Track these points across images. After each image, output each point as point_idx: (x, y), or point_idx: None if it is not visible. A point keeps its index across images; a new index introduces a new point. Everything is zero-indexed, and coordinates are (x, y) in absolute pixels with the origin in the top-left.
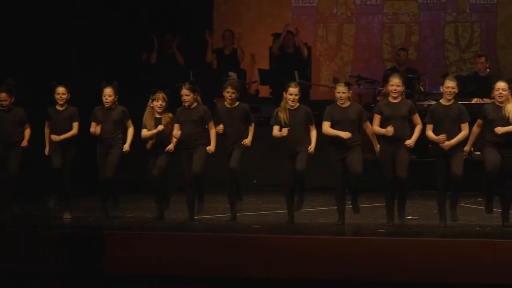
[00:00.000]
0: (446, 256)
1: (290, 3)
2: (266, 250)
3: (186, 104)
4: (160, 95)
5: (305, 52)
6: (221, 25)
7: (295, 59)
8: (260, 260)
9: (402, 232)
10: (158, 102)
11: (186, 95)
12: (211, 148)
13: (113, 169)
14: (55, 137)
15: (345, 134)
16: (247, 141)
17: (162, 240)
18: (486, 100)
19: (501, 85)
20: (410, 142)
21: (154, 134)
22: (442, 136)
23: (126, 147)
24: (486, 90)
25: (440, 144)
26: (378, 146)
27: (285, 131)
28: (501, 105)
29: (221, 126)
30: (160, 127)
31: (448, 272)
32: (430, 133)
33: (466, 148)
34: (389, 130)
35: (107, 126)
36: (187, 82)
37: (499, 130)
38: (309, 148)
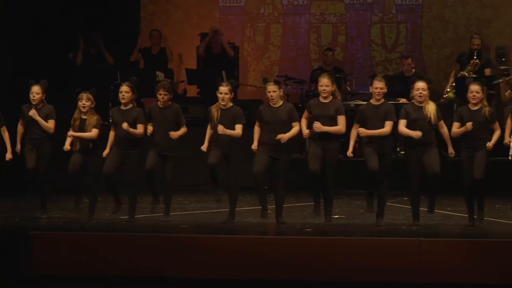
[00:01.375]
0: (372, 255)
1: (218, 3)
2: (194, 250)
3: (124, 101)
4: (84, 95)
5: (231, 53)
6: (148, 24)
7: (222, 59)
8: (188, 260)
9: (329, 231)
10: (81, 102)
11: (126, 92)
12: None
13: (44, 168)
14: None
15: (281, 137)
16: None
17: (91, 241)
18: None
19: (420, 85)
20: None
21: (80, 136)
22: (418, 132)
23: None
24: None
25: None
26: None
27: (221, 128)
28: (421, 105)
29: (150, 128)
30: (91, 134)
31: (375, 271)
32: (355, 132)
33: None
34: (317, 126)
35: (33, 125)
36: (128, 80)
37: (418, 134)
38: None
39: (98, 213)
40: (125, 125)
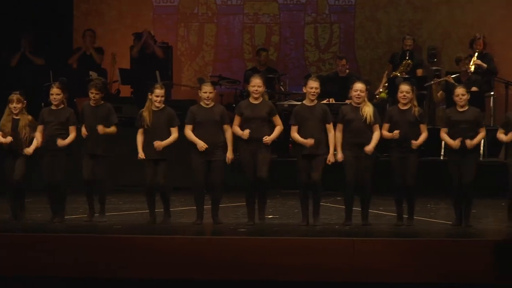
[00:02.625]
0: (306, 255)
1: (151, 2)
2: (128, 250)
3: (55, 102)
4: (14, 96)
5: (161, 55)
6: (82, 24)
7: (155, 59)
8: (121, 260)
9: (263, 231)
10: (12, 104)
11: (57, 94)
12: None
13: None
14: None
15: (201, 146)
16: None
17: (21, 242)
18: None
19: (359, 86)
20: (267, 139)
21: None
22: (310, 140)
23: None
24: (346, 90)
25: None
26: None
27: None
28: (358, 105)
29: (84, 131)
30: (7, 139)
31: (309, 271)
32: (295, 134)
33: (331, 151)
34: (246, 133)
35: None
36: (58, 81)
37: (367, 150)
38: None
39: (31, 214)
40: (100, 128)
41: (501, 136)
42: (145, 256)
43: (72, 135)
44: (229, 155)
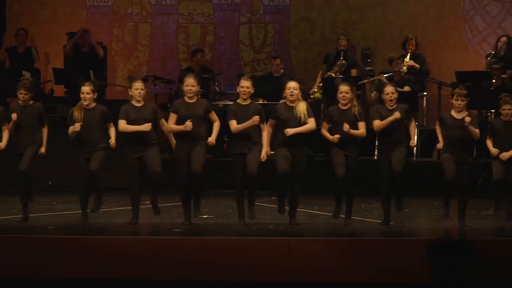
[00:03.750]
0: (242, 255)
1: (85, 2)
2: (61, 251)
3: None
4: None
5: (101, 52)
6: (14, 23)
7: (90, 58)
8: (55, 260)
9: (198, 231)
10: None
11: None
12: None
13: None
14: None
15: (144, 127)
16: (43, 149)
17: None
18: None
19: (292, 84)
20: (211, 139)
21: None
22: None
23: None
24: (281, 90)
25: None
26: (175, 142)
27: (78, 126)
28: (292, 104)
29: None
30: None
31: (244, 271)
32: (236, 126)
33: (264, 149)
34: (188, 124)
35: None
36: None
37: (288, 131)
38: (111, 142)
39: None
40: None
41: (489, 145)
42: (77, 257)
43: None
44: (173, 146)
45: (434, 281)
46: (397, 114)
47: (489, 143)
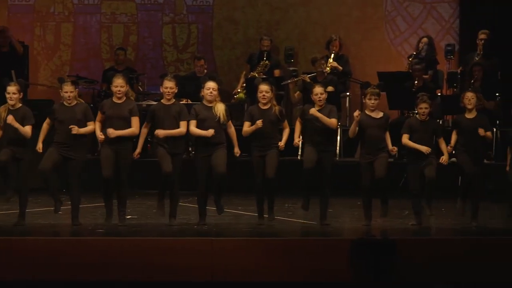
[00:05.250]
0: (165, 255)
1: (6, 1)
2: None
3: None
4: None
5: (20, 49)
6: None
7: (11, 58)
8: None
9: (122, 231)
10: None
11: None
12: None
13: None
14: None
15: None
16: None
17: None
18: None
19: (210, 84)
20: (112, 133)
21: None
22: (210, 131)
23: None
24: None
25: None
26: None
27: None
28: (210, 105)
29: None
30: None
31: (168, 271)
32: (145, 131)
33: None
34: (110, 132)
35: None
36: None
37: (210, 132)
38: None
39: None
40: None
41: (410, 142)
42: (8, 257)
43: None
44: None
45: (357, 280)
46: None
47: (409, 142)
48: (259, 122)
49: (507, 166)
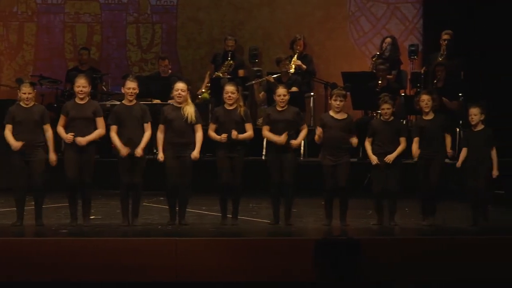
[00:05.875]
0: (129, 256)
1: None
2: None
3: None
4: None
5: None
6: None
7: None
8: None
9: (85, 232)
10: None
11: None
12: None
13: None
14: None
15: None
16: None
17: None
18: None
19: (180, 85)
20: (82, 140)
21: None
22: (124, 150)
23: None
24: (169, 90)
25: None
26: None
27: None
28: (180, 105)
29: None
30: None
31: (132, 271)
32: (113, 135)
33: (141, 146)
34: (79, 140)
35: None
36: None
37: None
38: None
39: None
40: None
41: (368, 148)
42: None
43: None
44: (52, 156)
45: (321, 280)
46: (283, 139)
47: (367, 145)
48: (223, 138)
49: (458, 163)
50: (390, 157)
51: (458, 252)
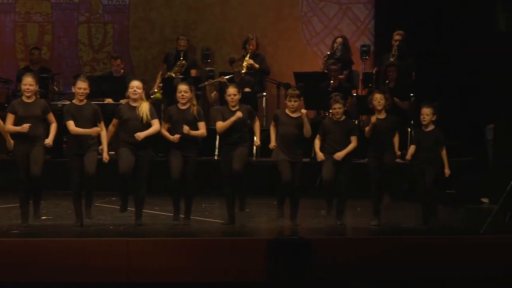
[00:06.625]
0: (81, 256)
1: None
2: None
3: None
4: None
5: None
6: None
7: None
8: None
9: (36, 232)
10: None
11: None
12: None
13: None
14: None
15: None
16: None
17: None
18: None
19: (135, 83)
20: (48, 141)
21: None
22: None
23: None
24: (121, 90)
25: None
26: (12, 142)
27: None
28: (135, 104)
29: None
30: None
31: (84, 272)
32: (73, 128)
33: (104, 149)
34: (25, 127)
35: None
36: None
37: (139, 135)
38: None
39: None
40: None
41: (317, 146)
42: None
43: None
44: (9, 145)
45: (273, 280)
46: (239, 114)
47: (317, 142)
48: (176, 138)
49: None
50: (339, 154)
51: (408, 252)
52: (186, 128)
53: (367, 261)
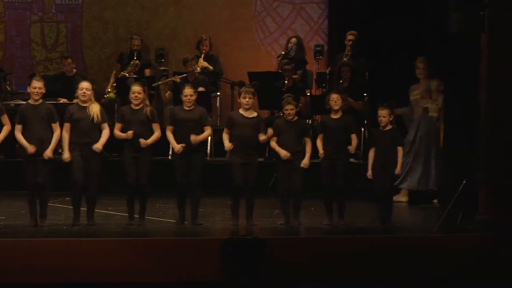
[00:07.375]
0: (34, 256)
1: None
2: None
3: None
4: None
5: None
6: None
7: None
8: None
9: None
10: None
11: None
12: None
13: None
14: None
15: None
16: None
17: None
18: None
19: (84, 84)
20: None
21: None
22: (31, 147)
23: None
24: (74, 89)
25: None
26: None
27: None
28: (85, 104)
29: None
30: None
31: (37, 272)
32: (18, 134)
33: (50, 148)
34: None
35: None
36: None
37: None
38: None
39: None
40: None
41: (274, 145)
42: None
43: None
44: None
45: (228, 280)
46: (129, 134)
47: (272, 143)
48: (130, 134)
49: (368, 170)
50: (306, 162)
51: (364, 251)
52: (193, 138)
53: (321, 260)
